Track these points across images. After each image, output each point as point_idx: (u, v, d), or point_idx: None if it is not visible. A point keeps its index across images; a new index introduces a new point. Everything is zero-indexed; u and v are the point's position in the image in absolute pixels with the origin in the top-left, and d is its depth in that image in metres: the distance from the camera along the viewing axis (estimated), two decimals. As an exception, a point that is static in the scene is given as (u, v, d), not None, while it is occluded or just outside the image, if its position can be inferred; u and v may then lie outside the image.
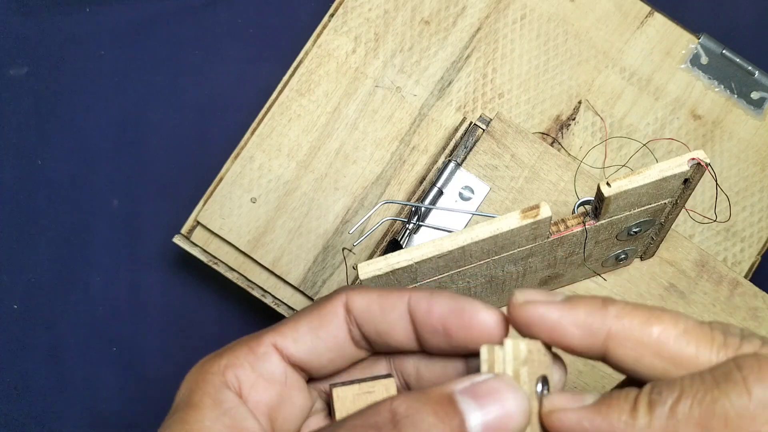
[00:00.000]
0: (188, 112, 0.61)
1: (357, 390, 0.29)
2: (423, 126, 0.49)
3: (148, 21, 0.62)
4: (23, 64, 0.62)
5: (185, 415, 0.28)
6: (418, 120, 0.49)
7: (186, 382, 0.29)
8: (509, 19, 0.50)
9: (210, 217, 0.48)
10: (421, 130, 0.49)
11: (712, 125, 0.49)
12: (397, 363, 0.31)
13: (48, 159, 0.61)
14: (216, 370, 0.29)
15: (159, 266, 0.60)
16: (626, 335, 0.25)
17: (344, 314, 0.29)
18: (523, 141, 0.45)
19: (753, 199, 0.49)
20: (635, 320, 0.25)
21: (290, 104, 0.49)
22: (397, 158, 0.49)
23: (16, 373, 0.59)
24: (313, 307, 0.29)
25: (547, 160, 0.45)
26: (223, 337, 0.59)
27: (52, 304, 0.60)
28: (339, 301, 0.29)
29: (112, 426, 0.59)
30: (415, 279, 0.35)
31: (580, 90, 0.49)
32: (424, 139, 0.49)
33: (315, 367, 0.29)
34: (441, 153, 0.48)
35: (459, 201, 0.45)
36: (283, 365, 0.29)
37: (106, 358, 0.59)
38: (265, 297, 0.49)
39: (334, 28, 0.50)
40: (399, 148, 0.49)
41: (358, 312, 0.29)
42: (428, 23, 0.50)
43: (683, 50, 0.50)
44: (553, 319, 0.26)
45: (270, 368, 0.29)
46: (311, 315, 0.29)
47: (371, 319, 0.29)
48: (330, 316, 0.29)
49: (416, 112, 0.49)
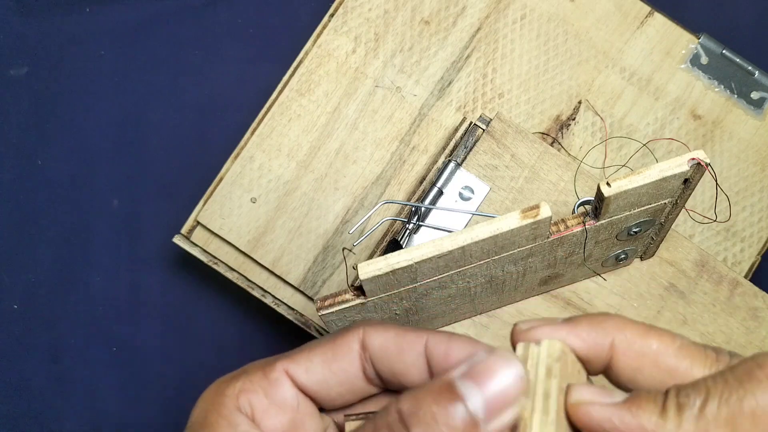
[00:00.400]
0: (188, 112, 0.61)
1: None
2: (423, 126, 0.49)
3: (148, 21, 0.62)
4: (23, 64, 0.62)
5: None
6: (418, 120, 0.49)
7: (201, 403, 0.30)
8: (509, 19, 0.50)
9: (210, 217, 0.48)
10: (421, 130, 0.49)
11: (712, 125, 0.49)
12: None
13: (48, 159, 0.61)
14: (231, 393, 0.29)
15: (159, 266, 0.60)
16: (628, 346, 0.26)
17: (359, 350, 0.29)
18: (523, 141, 0.45)
19: (753, 199, 0.49)
20: (636, 332, 0.27)
21: (290, 104, 0.49)
22: (397, 158, 0.49)
23: (16, 373, 0.59)
24: (329, 338, 0.29)
25: (547, 160, 0.45)
26: (223, 337, 0.59)
27: (52, 304, 0.60)
28: (355, 336, 0.29)
29: (112, 426, 0.59)
30: (415, 279, 0.35)
31: (580, 90, 0.49)
32: (424, 139, 0.49)
33: (325, 399, 0.30)
34: (441, 153, 0.48)
35: (459, 201, 0.45)
36: (295, 392, 0.29)
37: (106, 358, 0.59)
38: (265, 297, 0.49)
39: (334, 28, 0.50)
40: (399, 148, 0.49)
41: (374, 350, 0.29)
42: (428, 23, 0.50)
43: (683, 50, 0.50)
44: (561, 336, 0.27)
45: (283, 395, 0.29)
46: (326, 347, 0.29)
47: (387, 359, 0.29)
48: (344, 350, 0.29)
49: (416, 112, 0.49)
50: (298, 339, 0.57)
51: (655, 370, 0.26)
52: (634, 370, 0.27)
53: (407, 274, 0.34)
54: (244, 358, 0.61)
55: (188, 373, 0.59)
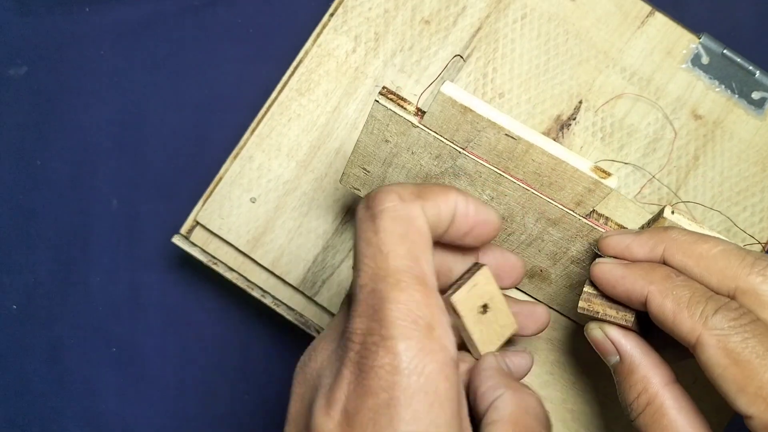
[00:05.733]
0: (188, 111, 0.61)
1: (466, 290, 0.35)
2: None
3: (148, 21, 0.62)
4: (23, 63, 0.62)
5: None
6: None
7: (388, 221, 0.31)
8: (510, 19, 0.50)
9: (209, 217, 0.48)
10: (421, 130, 0.49)
11: (713, 125, 0.49)
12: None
13: (48, 159, 0.61)
14: (418, 214, 0.32)
15: (158, 266, 0.60)
16: (678, 248, 0.33)
17: (455, 206, 0.33)
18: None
19: (754, 199, 0.49)
20: (688, 238, 0.33)
21: (290, 104, 0.49)
22: (397, 158, 0.49)
23: (16, 373, 0.59)
24: (441, 186, 0.33)
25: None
26: (222, 337, 0.59)
27: (51, 304, 0.60)
28: (454, 193, 0.33)
29: (112, 426, 0.59)
30: (469, 142, 0.35)
31: (580, 90, 0.49)
32: (424, 139, 0.49)
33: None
34: (441, 153, 0.48)
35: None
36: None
37: (106, 358, 0.59)
38: (264, 297, 0.49)
39: (334, 27, 0.49)
40: (399, 148, 0.49)
41: (459, 214, 0.33)
42: (428, 23, 0.50)
43: (684, 50, 0.50)
44: (626, 243, 0.35)
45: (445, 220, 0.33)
46: (441, 195, 0.33)
47: (465, 225, 0.34)
48: (450, 201, 0.33)
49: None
50: (298, 339, 0.57)
51: (696, 268, 0.32)
52: (682, 268, 0.33)
53: (469, 128, 0.34)
54: (244, 358, 0.61)
55: (188, 373, 0.59)
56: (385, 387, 0.27)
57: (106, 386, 0.59)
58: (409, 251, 0.29)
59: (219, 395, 0.59)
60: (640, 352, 0.34)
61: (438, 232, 0.33)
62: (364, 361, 0.28)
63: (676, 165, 0.49)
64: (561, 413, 0.46)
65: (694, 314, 0.31)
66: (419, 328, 0.28)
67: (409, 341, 0.27)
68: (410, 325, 0.28)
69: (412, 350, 0.27)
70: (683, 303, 0.31)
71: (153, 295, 0.60)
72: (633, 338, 0.35)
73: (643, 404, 0.33)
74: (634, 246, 0.34)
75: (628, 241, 0.35)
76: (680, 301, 0.31)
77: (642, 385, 0.33)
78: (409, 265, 0.29)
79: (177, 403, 0.59)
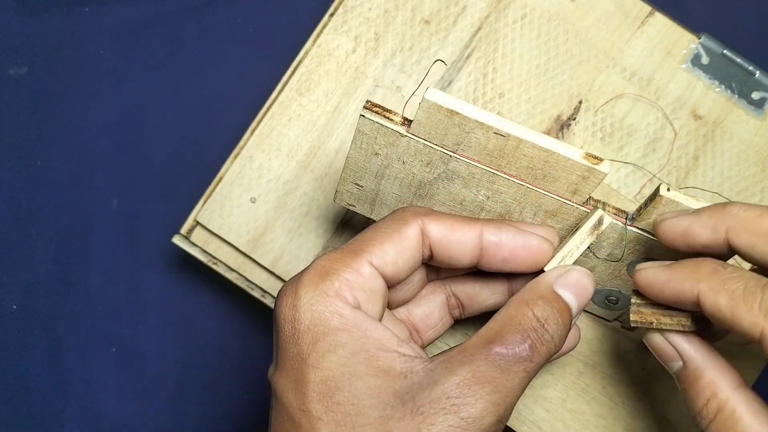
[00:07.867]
0: (188, 111, 0.61)
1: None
2: (423, 126, 0.49)
3: (148, 21, 0.62)
4: (23, 63, 0.62)
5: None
6: (418, 120, 0.49)
7: (305, 307, 0.32)
8: (510, 19, 0.50)
9: (209, 217, 0.48)
10: (421, 129, 0.49)
11: (713, 125, 0.49)
12: (452, 287, 0.38)
13: (48, 159, 0.61)
14: (332, 292, 0.32)
15: (158, 266, 0.60)
16: (742, 227, 0.31)
17: (419, 236, 0.33)
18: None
19: (754, 199, 0.49)
20: (750, 213, 0.31)
21: (290, 104, 0.49)
22: (397, 158, 0.49)
23: (15, 373, 0.59)
24: (393, 229, 0.33)
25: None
26: (222, 337, 0.59)
27: (51, 304, 0.60)
28: (416, 225, 0.33)
29: (111, 426, 0.59)
30: (459, 144, 0.34)
31: (580, 90, 0.49)
32: (424, 139, 0.49)
33: (393, 279, 0.34)
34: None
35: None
36: (382, 280, 0.33)
37: (106, 358, 0.59)
38: (264, 297, 0.49)
39: (334, 27, 0.49)
40: (399, 148, 0.49)
41: (434, 239, 0.34)
42: (428, 23, 0.50)
43: (684, 50, 0.50)
44: (687, 222, 0.32)
45: (377, 284, 0.33)
46: (394, 238, 0.33)
47: (446, 246, 0.34)
48: (410, 238, 0.33)
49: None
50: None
51: (765, 247, 0.30)
52: (749, 248, 0.31)
53: (458, 131, 0.34)
54: (243, 358, 0.61)
55: (188, 373, 0.59)
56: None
57: (106, 386, 0.59)
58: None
59: (219, 395, 0.59)
60: (705, 356, 0.32)
61: (396, 275, 0.34)
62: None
63: (676, 165, 0.49)
64: (561, 413, 0.46)
65: (752, 307, 0.29)
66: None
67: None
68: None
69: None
70: (738, 296, 0.29)
71: (153, 295, 0.60)
72: (695, 341, 0.33)
73: (714, 411, 0.31)
74: (696, 227, 0.32)
75: (686, 222, 0.32)
76: (734, 295, 0.29)
77: (710, 390, 0.31)
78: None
79: (177, 403, 0.59)
